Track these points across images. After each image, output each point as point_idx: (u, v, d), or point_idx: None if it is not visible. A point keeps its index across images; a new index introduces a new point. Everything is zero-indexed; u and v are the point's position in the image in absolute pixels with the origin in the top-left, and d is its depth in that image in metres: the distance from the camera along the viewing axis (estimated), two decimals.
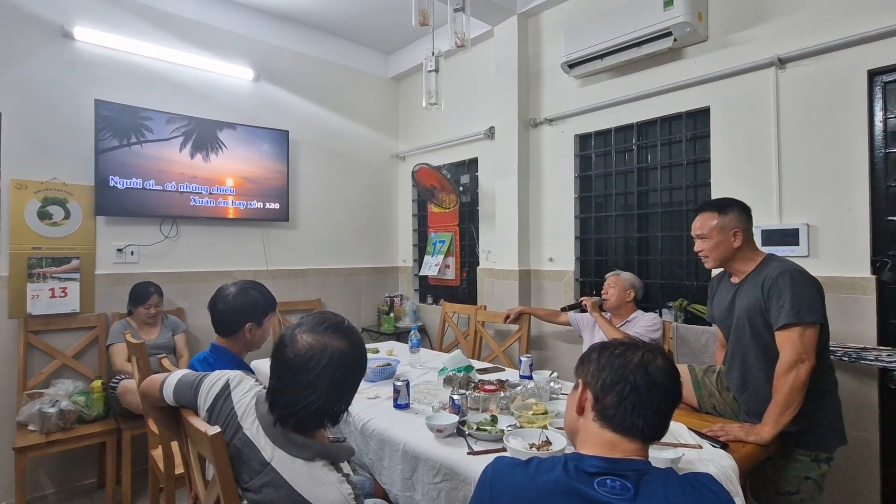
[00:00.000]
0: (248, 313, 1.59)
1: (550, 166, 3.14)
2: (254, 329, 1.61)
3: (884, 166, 1.97)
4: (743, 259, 1.71)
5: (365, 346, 1.12)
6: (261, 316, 1.63)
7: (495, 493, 0.90)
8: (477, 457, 1.36)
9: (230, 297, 1.59)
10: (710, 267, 1.78)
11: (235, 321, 1.59)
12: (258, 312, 1.61)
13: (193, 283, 3.18)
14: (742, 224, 1.69)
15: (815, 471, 1.57)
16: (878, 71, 1.96)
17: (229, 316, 1.58)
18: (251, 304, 1.60)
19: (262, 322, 1.63)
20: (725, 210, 1.71)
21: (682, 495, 0.82)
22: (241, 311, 1.59)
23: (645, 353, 0.93)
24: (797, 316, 1.49)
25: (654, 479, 0.84)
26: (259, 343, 1.65)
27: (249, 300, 1.60)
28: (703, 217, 1.74)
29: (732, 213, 1.70)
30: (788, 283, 1.53)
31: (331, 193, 3.90)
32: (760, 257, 1.71)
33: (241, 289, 1.62)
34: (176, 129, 3.05)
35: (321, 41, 3.82)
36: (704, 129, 2.46)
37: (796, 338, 1.49)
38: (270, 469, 1.01)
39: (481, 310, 3.23)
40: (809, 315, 1.49)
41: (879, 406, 1.96)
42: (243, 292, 1.61)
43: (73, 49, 2.78)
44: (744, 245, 1.69)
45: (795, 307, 1.50)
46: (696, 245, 1.77)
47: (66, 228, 2.75)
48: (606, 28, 2.56)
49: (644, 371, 0.90)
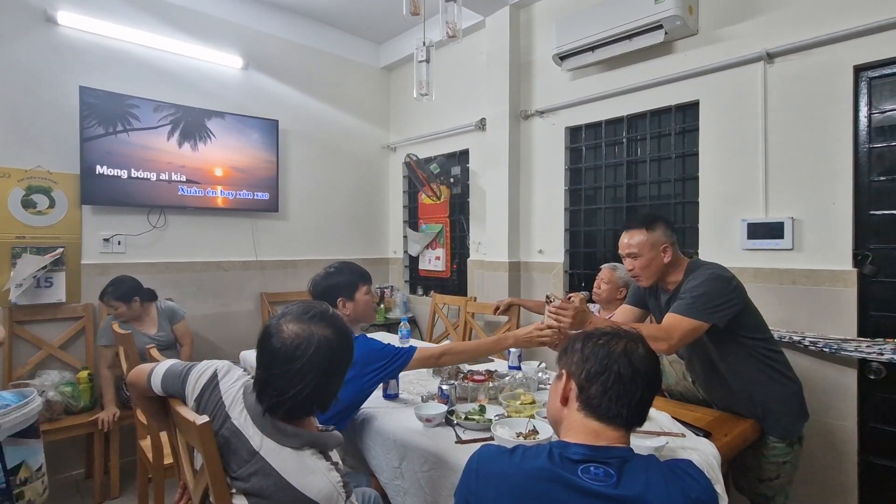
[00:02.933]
0: (335, 289, 1.75)
1: (541, 158, 3.14)
2: (346, 303, 1.74)
3: (867, 161, 2.01)
4: (673, 272, 1.72)
5: (351, 334, 1.13)
6: (348, 290, 1.76)
7: (481, 481, 0.92)
8: (465, 446, 1.38)
9: (318, 281, 1.78)
10: (646, 286, 1.77)
11: (327, 299, 1.70)
12: (343, 287, 1.76)
13: (182, 274, 3.16)
14: (669, 238, 1.69)
15: (790, 454, 1.66)
16: (864, 67, 1.99)
17: (321, 297, 1.74)
18: (336, 280, 1.77)
19: (352, 295, 1.76)
20: (653, 226, 1.69)
21: (663, 481, 0.84)
22: (328, 291, 1.75)
23: (628, 343, 0.95)
24: (686, 311, 1.56)
25: (636, 466, 0.86)
26: (362, 315, 1.78)
27: (333, 280, 1.77)
28: (631, 234, 1.72)
29: (660, 229, 1.69)
30: (692, 286, 1.60)
31: (321, 184, 3.88)
32: (685, 264, 1.72)
33: (326, 272, 1.80)
34: (163, 118, 3.01)
35: (311, 29, 3.78)
36: (693, 123, 2.48)
37: (673, 323, 1.56)
38: (259, 458, 1.01)
39: (471, 301, 3.25)
40: (698, 314, 1.55)
41: (858, 396, 2.01)
42: (327, 275, 1.79)
43: (56, 34, 2.72)
44: (672, 258, 1.70)
45: (685, 305, 1.57)
46: (627, 264, 1.75)
47: (51, 217, 2.71)
48: (598, 20, 2.56)
49: (627, 360, 0.92)
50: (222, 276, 3.34)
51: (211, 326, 3.26)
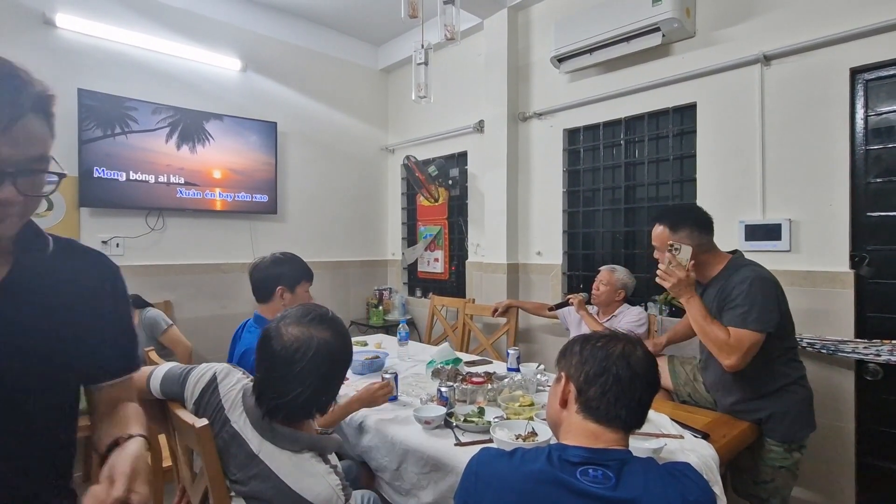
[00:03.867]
0: (278, 278, 1.74)
1: (539, 160, 3.15)
2: (285, 293, 1.74)
3: (864, 163, 2.02)
4: (708, 268, 1.71)
5: (350, 336, 1.13)
6: (291, 281, 1.76)
7: (481, 483, 0.92)
8: (464, 448, 1.38)
9: (263, 265, 1.76)
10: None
11: (267, 287, 1.74)
12: (288, 278, 1.75)
13: (180, 276, 3.16)
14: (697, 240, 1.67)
15: (787, 460, 1.63)
16: (861, 69, 2.00)
17: (261, 282, 1.75)
18: (281, 270, 1.76)
19: (293, 288, 1.76)
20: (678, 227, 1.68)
21: (662, 483, 0.84)
22: (271, 276, 1.74)
23: (626, 345, 0.95)
24: (740, 323, 1.54)
25: (634, 469, 0.86)
26: None
27: (279, 267, 1.76)
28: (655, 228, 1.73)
29: (684, 231, 1.67)
30: (745, 290, 1.57)
31: (319, 186, 3.88)
32: (723, 261, 1.70)
33: (274, 258, 1.78)
34: (162, 120, 3.01)
35: (310, 31, 3.78)
36: (691, 125, 2.49)
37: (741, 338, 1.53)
38: (258, 461, 1.02)
39: (470, 303, 3.25)
40: (752, 324, 1.53)
41: (855, 397, 2.01)
42: (276, 262, 1.77)
43: (54, 37, 2.72)
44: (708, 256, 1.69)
45: (741, 314, 1.55)
46: (655, 254, 1.74)
47: (49, 220, 2.70)
48: (596, 23, 2.57)
49: (626, 363, 0.92)
50: (221, 279, 3.33)
51: (209, 329, 3.25)
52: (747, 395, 1.64)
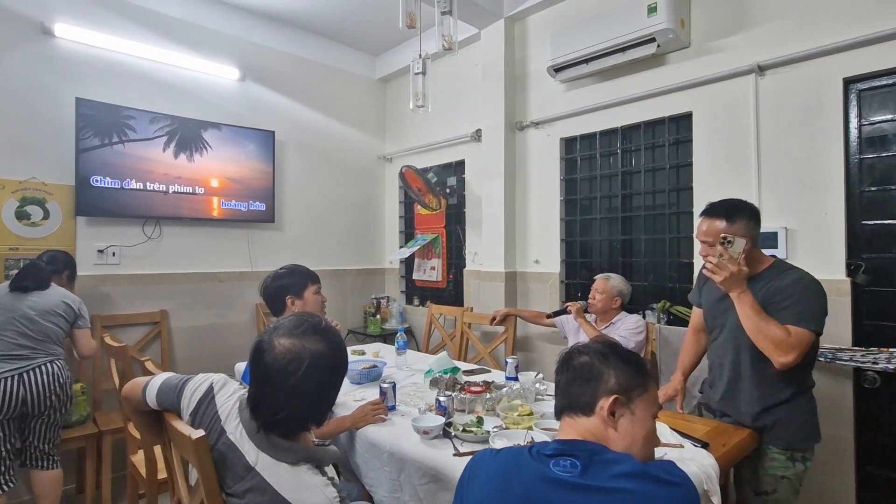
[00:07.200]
0: (284, 289, 1.84)
1: (536, 169, 3.16)
2: (295, 301, 1.82)
3: (858, 171, 2.03)
4: (756, 262, 1.64)
5: (344, 346, 1.12)
6: (297, 289, 1.86)
7: (472, 476, 1.02)
8: (463, 458, 1.37)
9: (268, 282, 1.86)
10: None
11: (277, 300, 1.84)
12: (292, 286, 1.85)
13: (177, 285, 3.14)
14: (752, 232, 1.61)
15: (790, 470, 1.59)
16: (854, 79, 2.02)
17: (271, 298, 1.85)
18: (284, 282, 1.86)
19: (301, 294, 1.85)
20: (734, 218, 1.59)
21: (633, 477, 0.87)
22: (278, 289, 1.84)
23: (574, 350, 1.06)
24: (798, 321, 1.50)
25: (605, 459, 0.91)
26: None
27: (282, 279, 1.86)
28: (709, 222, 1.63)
29: (740, 222, 1.59)
30: (800, 290, 1.54)
31: (317, 195, 3.88)
32: (767, 262, 1.66)
33: (276, 273, 1.89)
34: (159, 129, 3.01)
35: (308, 41, 3.80)
36: (687, 134, 2.50)
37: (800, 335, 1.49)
38: (255, 473, 1.00)
39: (468, 311, 3.24)
40: (809, 323, 1.50)
41: (854, 405, 2.01)
42: (278, 276, 1.88)
43: (53, 46, 2.72)
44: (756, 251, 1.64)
45: (798, 313, 1.51)
46: (702, 250, 1.66)
47: (45, 229, 2.69)
48: (592, 33, 2.59)
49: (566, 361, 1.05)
50: (218, 287, 3.32)
51: (206, 338, 3.23)
52: (764, 403, 1.60)
